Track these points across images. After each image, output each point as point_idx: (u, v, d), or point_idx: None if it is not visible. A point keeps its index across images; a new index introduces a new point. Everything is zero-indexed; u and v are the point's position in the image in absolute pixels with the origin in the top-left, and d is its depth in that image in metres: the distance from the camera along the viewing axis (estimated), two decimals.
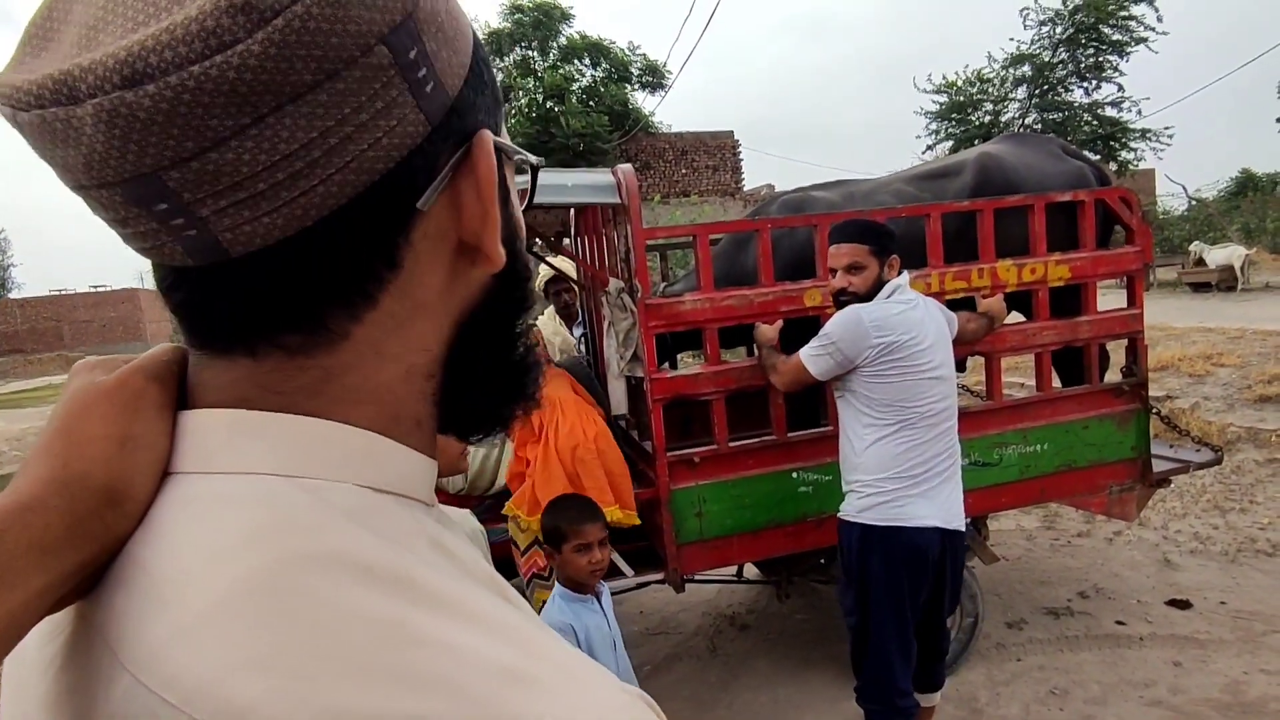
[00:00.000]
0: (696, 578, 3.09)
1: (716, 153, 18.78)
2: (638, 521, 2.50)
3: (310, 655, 0.27)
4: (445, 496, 2.46)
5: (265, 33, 0.27)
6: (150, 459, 0.33)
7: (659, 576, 2.61)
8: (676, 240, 3.24)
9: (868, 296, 2.20)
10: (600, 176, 2.51)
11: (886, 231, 2.23)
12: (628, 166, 2.49)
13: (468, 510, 1.44)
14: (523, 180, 0.43)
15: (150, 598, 0.29)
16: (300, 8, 0.28)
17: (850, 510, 2.19)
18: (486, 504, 2.80)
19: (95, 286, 32.32)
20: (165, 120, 0.27)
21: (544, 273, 3.79)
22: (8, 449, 8.99)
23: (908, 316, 2.13)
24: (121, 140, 0.28)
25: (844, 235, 2.23)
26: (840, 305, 2.25)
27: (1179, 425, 3.40)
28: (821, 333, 2.21)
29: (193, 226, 0.30)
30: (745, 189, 18.77)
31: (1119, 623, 3.18)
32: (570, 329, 3.72)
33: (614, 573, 2.58)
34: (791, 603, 3.40)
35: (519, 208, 0.41)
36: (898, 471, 2.09)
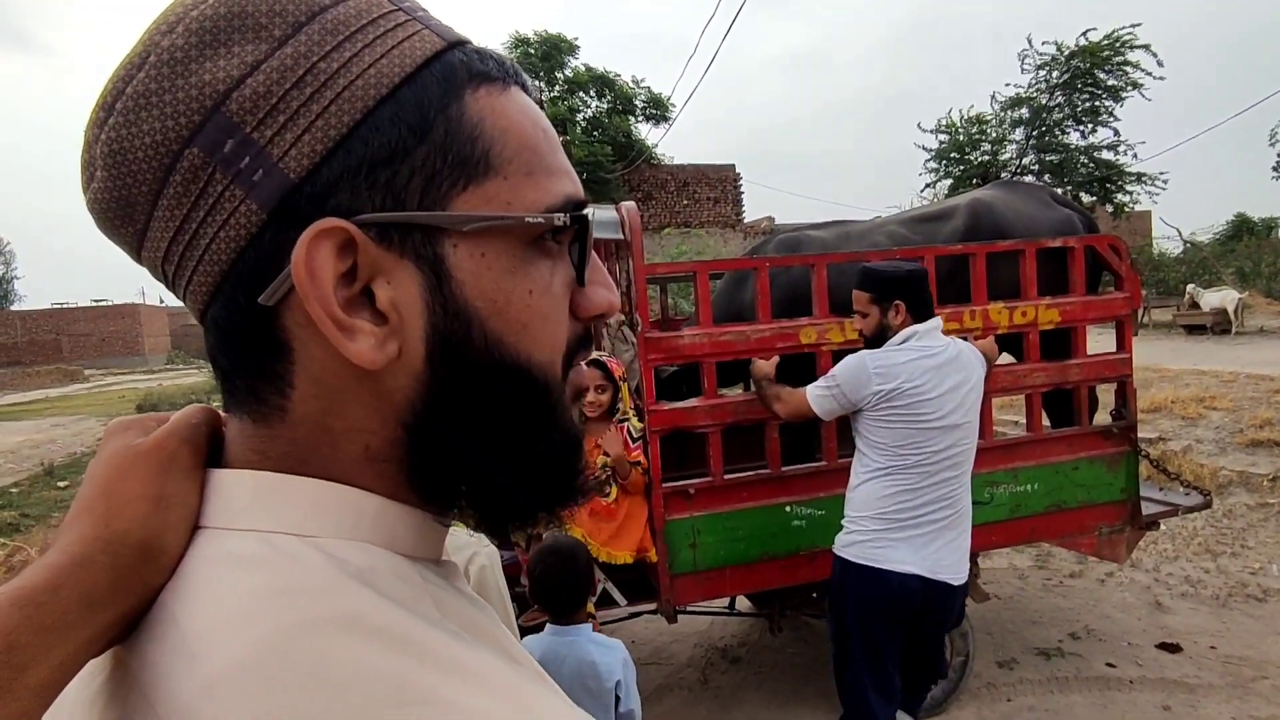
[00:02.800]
0: (689, 609, 3.11)
1: (718, 185, 19.05)
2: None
3: (321, 713, 0.28)
4: None
5: (98, 161, 0.34)
6: (182, 516, 0.35)
7: (651, 607, 2.63)
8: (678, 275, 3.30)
9: (876, 340, 2.24)
10: (604, 212, 2.58)
11: (886, 278, 2.21)
12: (631, 204, 2.57)
13: (482, 536, 1.45)
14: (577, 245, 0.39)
15: (180, 651, 0.31)
16: (105, 136, 0.33)
17: (838, 543, 2.24)
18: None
19: (97, 300, 32.46)
20: (108, 229, 0.36)
21: None
22: (2, 461, 8.98)
23: (916, 365, 2.12)
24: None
25: (855, 281, 2.27)
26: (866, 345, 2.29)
27: (1168, 469, 3.44)
28: (829, 373, 2.25)
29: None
30: (745, 221, 19.01)
31: (1109, 665, 3.19)
32: None
33: (607, 602, 2.60)
34: (783, 636, 3.41)
35: (489, 288, 0.35)
36: (881, 513, 2.12)
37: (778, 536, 2.67)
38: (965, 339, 2.73)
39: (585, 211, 0.38)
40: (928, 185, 19.27)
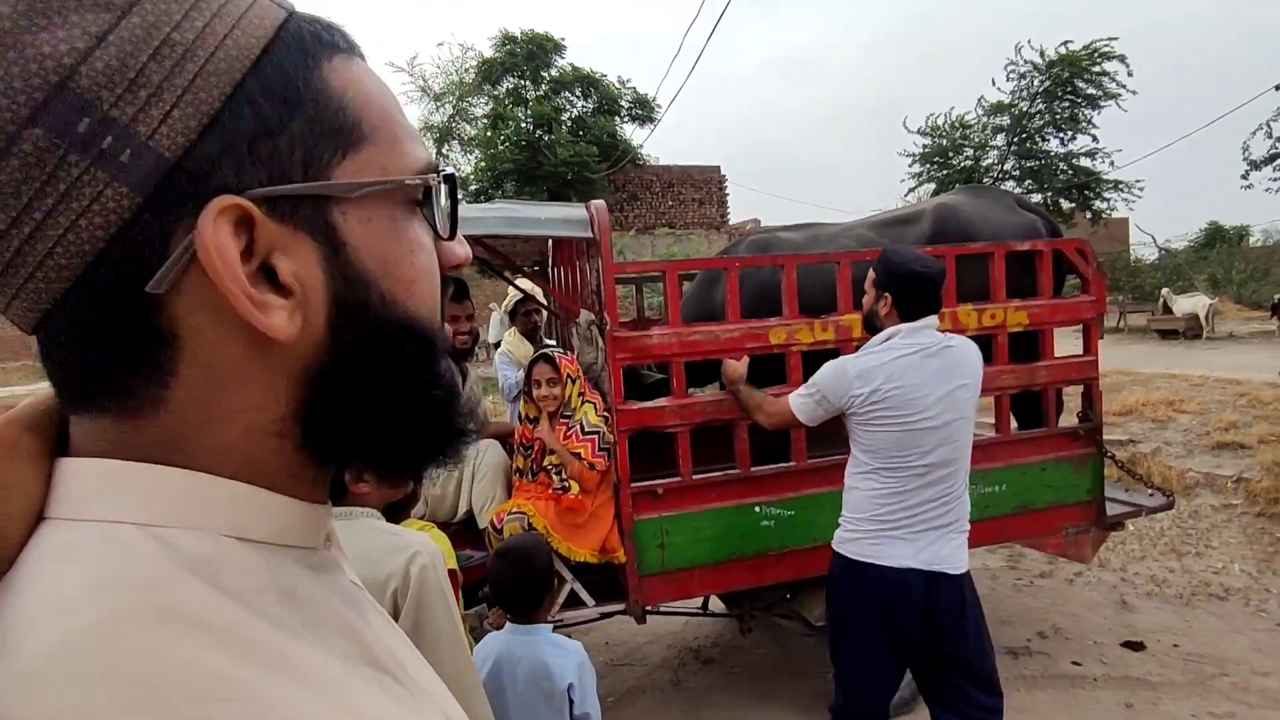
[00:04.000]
0: (661, 610, 3.11)
1: (703, 186, 19.10)
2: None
3: (125, 708, 0.27)
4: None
5: None
6: (24, 505, 0.33)
7: (620, 607, 2.62)
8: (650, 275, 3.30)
9: (866, 322, 2.25)
10: (573, 211, 2.57)
11: (888, 267, 2.14)
12: (600, 203, 2.56)
13: (426, 536, 1.44)
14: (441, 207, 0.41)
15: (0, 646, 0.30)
16: None
17: (835, 539, 2.20)
18: (452, 530, 2.81)
19: None
20: None
21: (511, 295, 3.88)
22: None
23: (897, 365, 2.08)
24: None
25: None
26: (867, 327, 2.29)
27: (1133, 470, 3.49)
28: (811, 379, 2.23)
29: None
30: (730, 223, 19.06)
31: (1075, 663, 3.23)
32: (460, 365, 3.89)
33: (575, 603, 2.59)
34: (755, 637, 3.42)
35: (383, 251, 0.36)
36: (875, 514, 2.10)
37: (746, 537, 2.68)
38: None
39: (449, 171, 0.40)
40: (911, 189, 19.45)
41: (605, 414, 2.59)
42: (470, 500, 2.75)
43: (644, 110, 19.48)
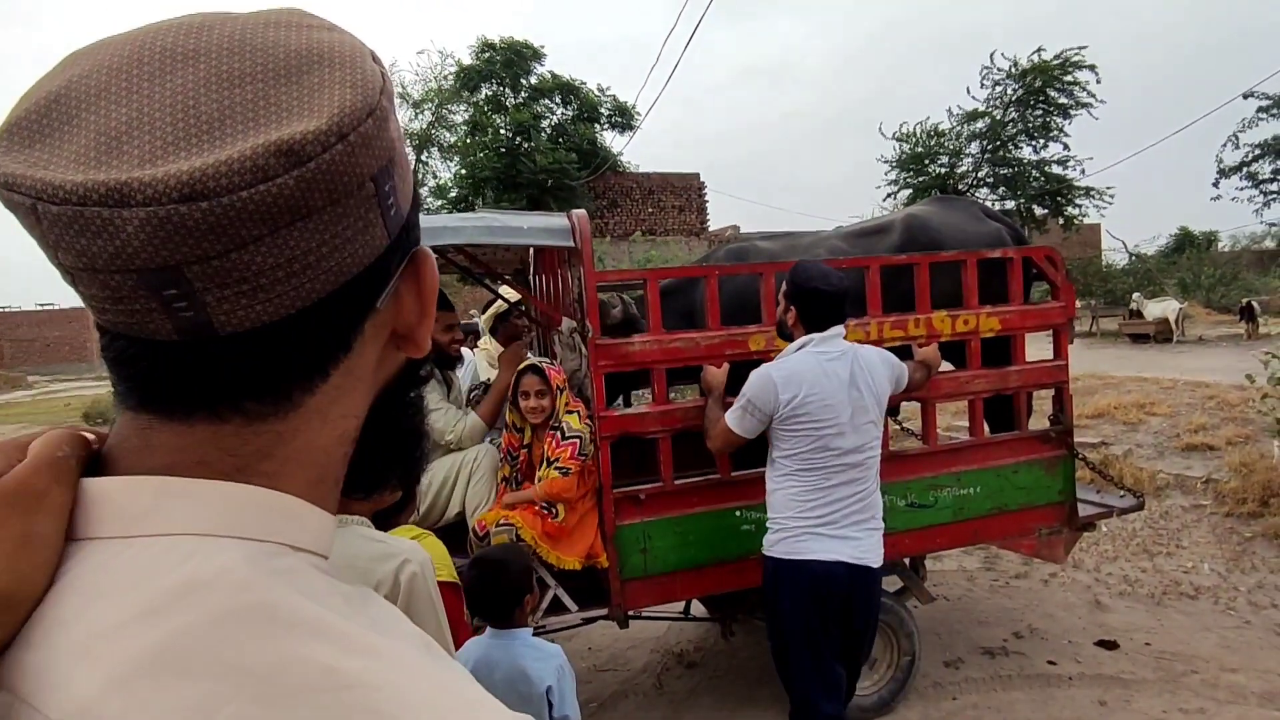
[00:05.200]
0: (644, 614, 3.13)
1: (683, 193, 19.20)
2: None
3: (246, 700, 0.29)
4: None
5: (299, 171, 0.34)
6: (48, 558, 0.34)
7: (603, 612, 2.64)
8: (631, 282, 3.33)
9: (779, 329, 2.45)
10: (554, 220, 2.59)
11: (794, 281, 2.31)
12: (582, 212, 2.59)
13: (415, 544, 1.44)
14: None
15: (77, 653, 0.31)
16: (329, 155, 0.35)
17: (764, 545, 2.34)
18: (439, 531, 2.80)
19: (43, 304, 31.25)
20: (207, 229, 0.33)
21: (495, 304, 3.88)
22: None
23: (815, 372, 2.24)
24: (161, 240, 0.33)
25: None
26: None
27: (1104, 472, 3.57)
28: (741, 392, 2.33)
29: (193, 309, 0.34)
30: (710, 229, 19.18)
31: (1050, 662, 3.29)
32: (445, 373, 3.84)
33: (559, 608, 2.60)
34: (737, 640, 3.45)
35: (423, 294, 0.47)
36: (799, 511, 2.25)
37: (727, 540, 2.70)
38: (910, 346, 2.82)
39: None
40: (889, 195, 19.70)
41: (588, 420, 2.61)
42: (463, 502, 2.75)
43: (623, 118, 19.57)
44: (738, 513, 2.72)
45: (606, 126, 19.70)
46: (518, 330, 3.91)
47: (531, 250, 3.51)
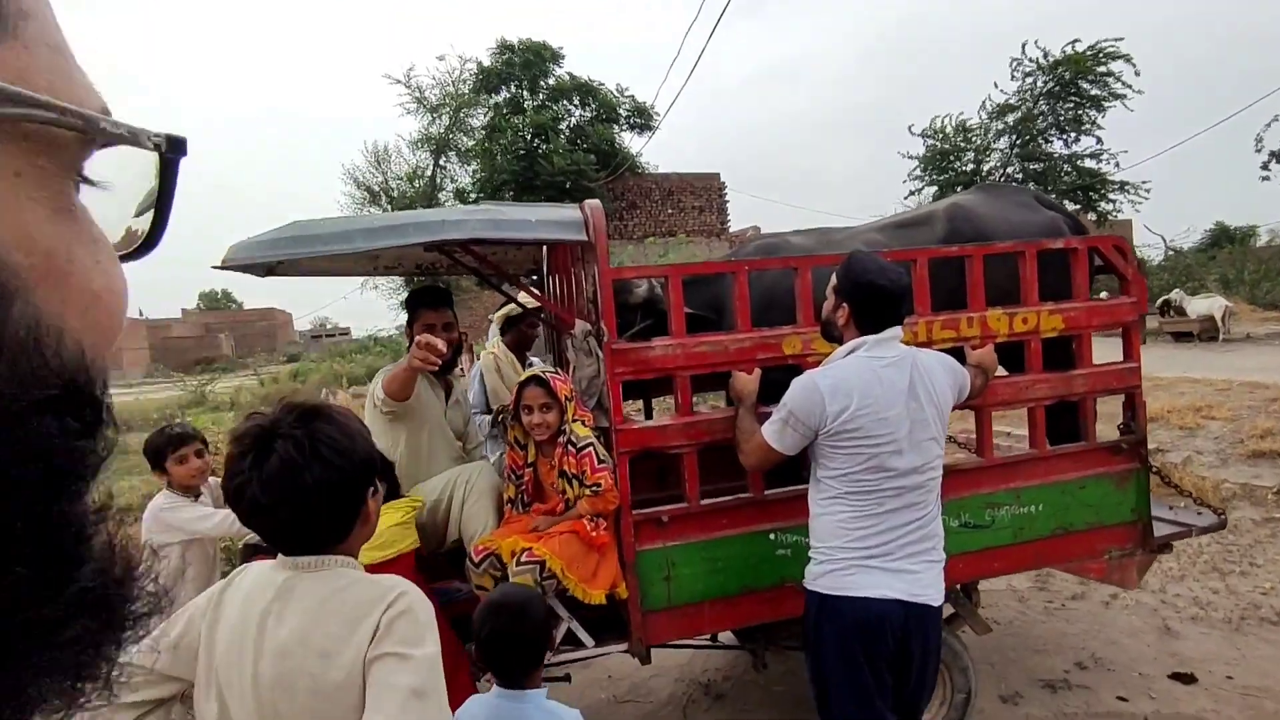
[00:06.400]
0: (667, 642, 2.85)
1: (703, 193, 18.93)
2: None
3: None
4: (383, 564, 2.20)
5: None
6: None
7: (622, 647, 2.37)
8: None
9: (824, 328, 2.19)
10: (567, 212, 2.34)
11: (848, 275, 2.05)
12: (596, 202, 2.33)
13: (405, 582, 1.22)
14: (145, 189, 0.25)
15: None
16: None
17: (807, 576, 2.06)
18: (442, 556, 2.57)
19: None
20: None
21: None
22: None
23: (868, 381, 1.96)
24: None
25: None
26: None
27: (1180, 486, 3.23)
28: (780, 402, 2.05)
29: None
30: (731, 230, 18.88)
31: (1121, 698, 2.96)
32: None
33: (572, 641, 2.34)
34: (770, 671, 3.16)
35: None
36: (848, 541, 1.96)
37: (760, 567, 2.42)
38: (962, 348, 2.52)
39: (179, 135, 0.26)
40: (912, 193, 19.24)
41: (596, 429, 2.36)
42: (460, 527, 2.50)
43: (642, 118, 19.35)
44: (772, 535, 2.43)
45: (625, 127, 19.48)
46: (528, 338, 3.67)
47: (545, 249, 3.26)
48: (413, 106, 18.94)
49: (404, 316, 3.16)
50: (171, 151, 0.26)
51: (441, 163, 20.43)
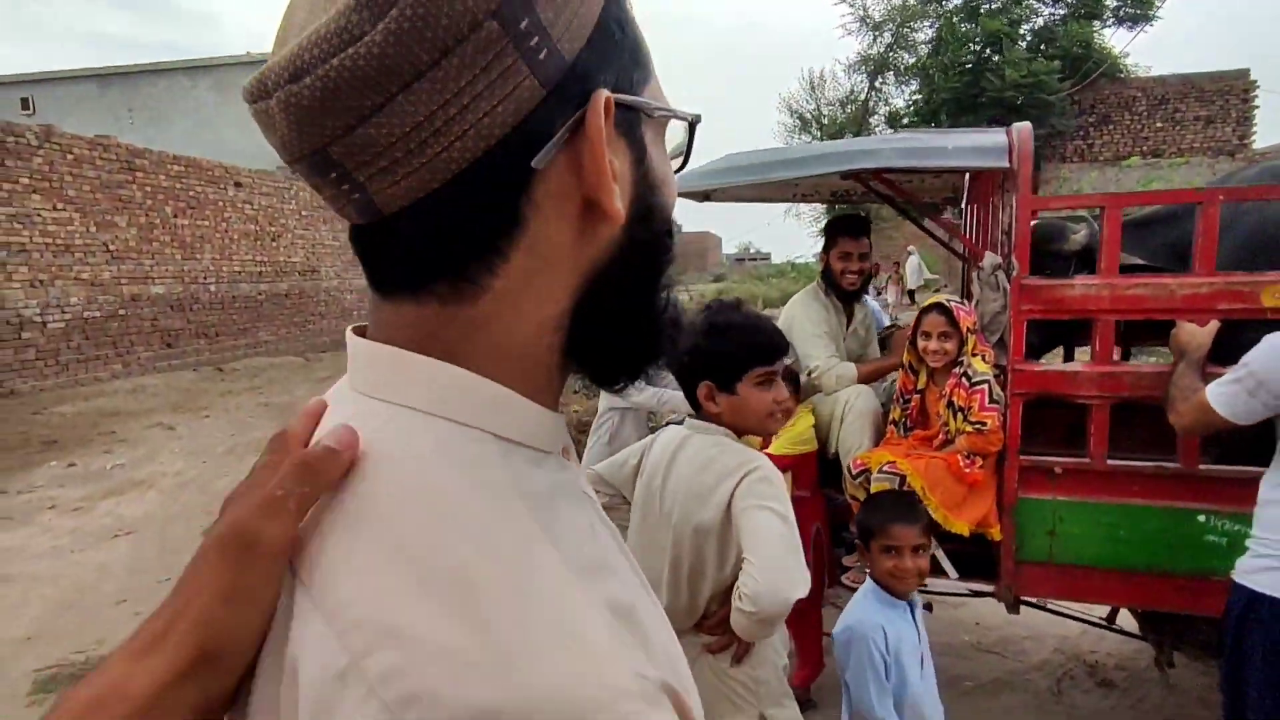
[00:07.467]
0: (1050, 607, 2.68)
1: (1215, 100, 14.55)
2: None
3: (384, 565, 0.32)
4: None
5: (384, 24, 0.32)
6: (255, 614, 0.34)
7: (990, 589, 2.34)
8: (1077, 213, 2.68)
9: None
10: (987, 137, 2.24)
11: None
12: (1025, 125, 2.16)
13: (764, 458, 1.56)
14: (677, 143, 0.46)
15: (344, 529, 0.35)
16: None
17: (1241, 568, 1.73)
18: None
19: None
20: (321, 105, 0.33)
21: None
22: None
23: None
24: (297, 124, 0.34)
25: None
26: None
27: None
28: (1241, 360, 1.68)
29: (357, 190, 0.36)
30: (1255, 146, 14.25)
31: None
32: (848, 304, 2.93)
33: (936, 570, 2.39)
34: (1179, 674, 2.71)
35: (661, 164, 0.42)
36: None
37: (1180, 549, 2.10)
38: None
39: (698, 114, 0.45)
40: None
41: (996, 368, 2.28)
42: (838, 442, 2.72)
43: (1138, 7, 15.50)
44: (1202, 518, 2.08)
45: (1111, 22, 15.91)
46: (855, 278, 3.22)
47: (967, 177, 3.11)
48: (855, 26, 18.46)
49: (819, 244, 3.31)
50: (694, 123, 0.45)
51: (877, 84, 19.68)
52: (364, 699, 0.30)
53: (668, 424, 1.79)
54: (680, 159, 0.46)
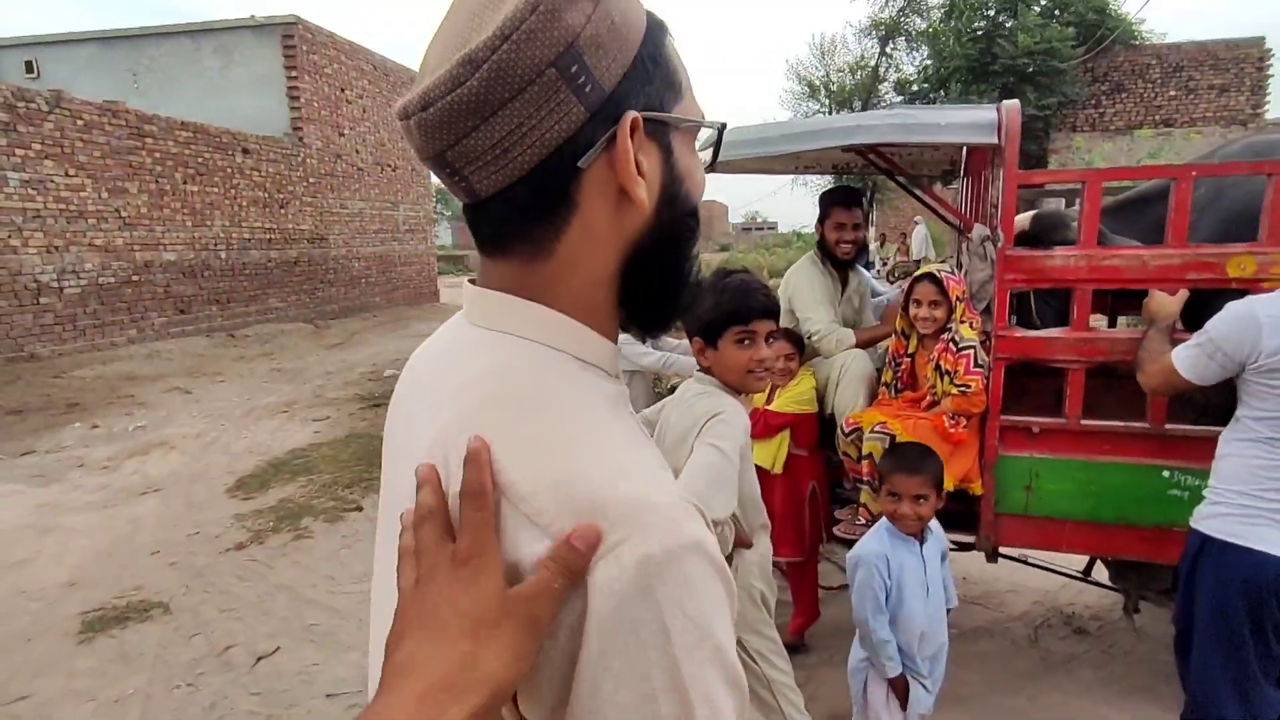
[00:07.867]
0: (1032, 562, 2.86)
1: (1229, 68, 14.37)
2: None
3: (505, 442, 0.47)
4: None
5: (479, 74, 0.47)
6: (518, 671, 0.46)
7: (970, 539, 2.52)
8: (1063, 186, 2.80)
9: None
10: (978, 114, 2.34)
11: None
12: (1013, 103, 2.28)
13: (737, 404, 1.79)
14: (706, 135, 0.63)
15: (438, 404, 0.53)
16: (496, 56, 0.47)
17: (1197, 515, 1.89)
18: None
19: None
20: (439, 126, 0.49)
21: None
22: None
23: None
24: (425, 137, 0.50)
25: None
26: None
27: None
28: (1204, 326, 1.83)
29: (463, 181, 0.52)
30: (1267, 116, 14.12)
31: None
32: (843, 272, 3.05)
33: None
34: (1147, 625, 2.90)
35: (686, 163, 0.56)
36: (1256, 488, 1.72)
37: (1145, 503, 2.27)
38: None
39: (725, 122, 0.64)
40: None
41: (983, 334, 2.42)
42: (833, 403, 2.87)
43: None
44: (1166, 473, 2.24)
45: None
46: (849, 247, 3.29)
47: (965, 150, 3.21)
48: None
49: None
50: (721, 128, 0.60)
51: (888, 49, 19.43)
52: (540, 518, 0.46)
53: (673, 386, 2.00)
54: (710, 154, 0.64)
